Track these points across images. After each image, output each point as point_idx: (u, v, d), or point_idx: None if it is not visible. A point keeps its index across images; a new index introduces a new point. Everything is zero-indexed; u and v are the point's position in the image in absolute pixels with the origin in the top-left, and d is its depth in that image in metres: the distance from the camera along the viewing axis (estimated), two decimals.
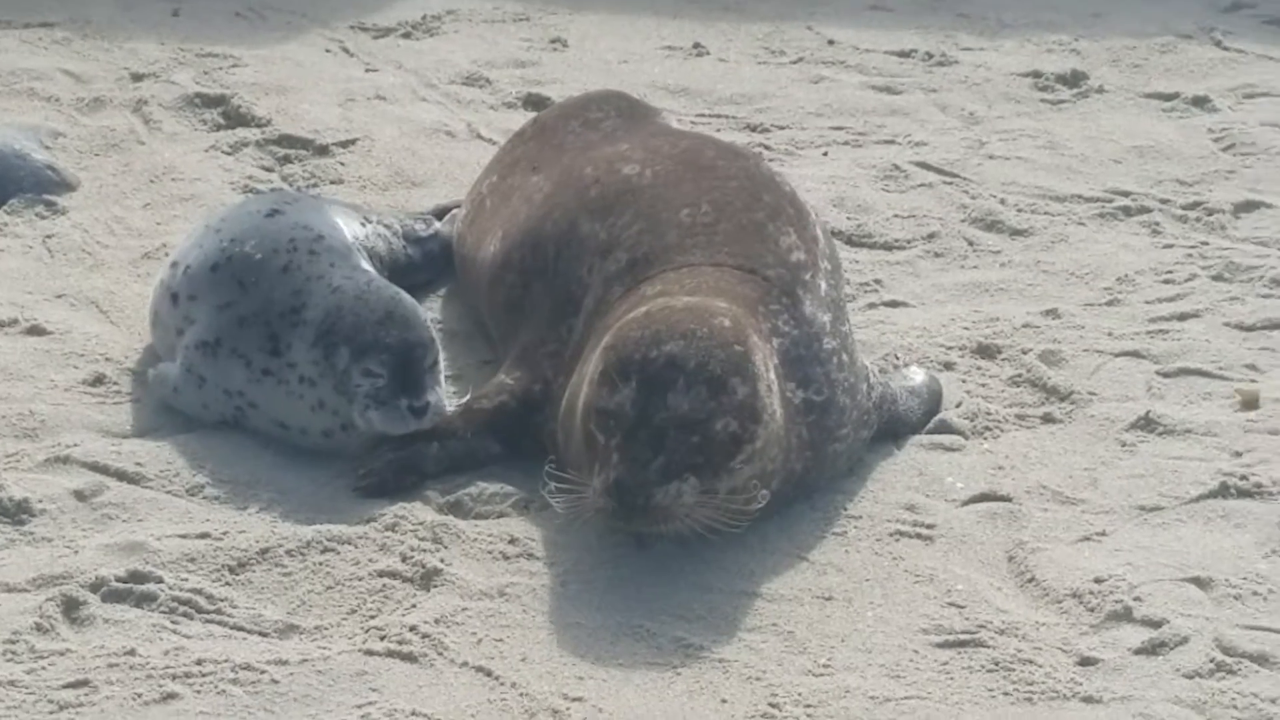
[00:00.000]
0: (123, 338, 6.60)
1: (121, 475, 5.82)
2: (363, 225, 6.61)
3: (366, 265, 6.26)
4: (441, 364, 5.90)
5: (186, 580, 5.34)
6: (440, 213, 7.21)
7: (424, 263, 6.92)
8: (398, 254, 6.78)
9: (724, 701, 4.98)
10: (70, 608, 5.20)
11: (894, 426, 6.14)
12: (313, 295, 5.93)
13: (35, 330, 6.61)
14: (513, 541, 5.58)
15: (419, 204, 7.48)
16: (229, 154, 7.96)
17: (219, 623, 5.21)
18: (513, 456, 5.93)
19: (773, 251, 5.86)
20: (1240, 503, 5.81)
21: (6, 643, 5.06)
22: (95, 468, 5.84)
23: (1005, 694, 5.02)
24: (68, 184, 7.63)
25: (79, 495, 5.70)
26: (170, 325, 6.24)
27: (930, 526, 5.71)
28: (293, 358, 5.89)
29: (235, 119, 8.23)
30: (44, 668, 4.98)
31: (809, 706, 4.95)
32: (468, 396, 5.97)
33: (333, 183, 7.76)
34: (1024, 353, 6.64)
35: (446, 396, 5.89)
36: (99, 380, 6.34)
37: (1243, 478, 5.89)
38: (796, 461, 5.64)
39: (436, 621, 5.21)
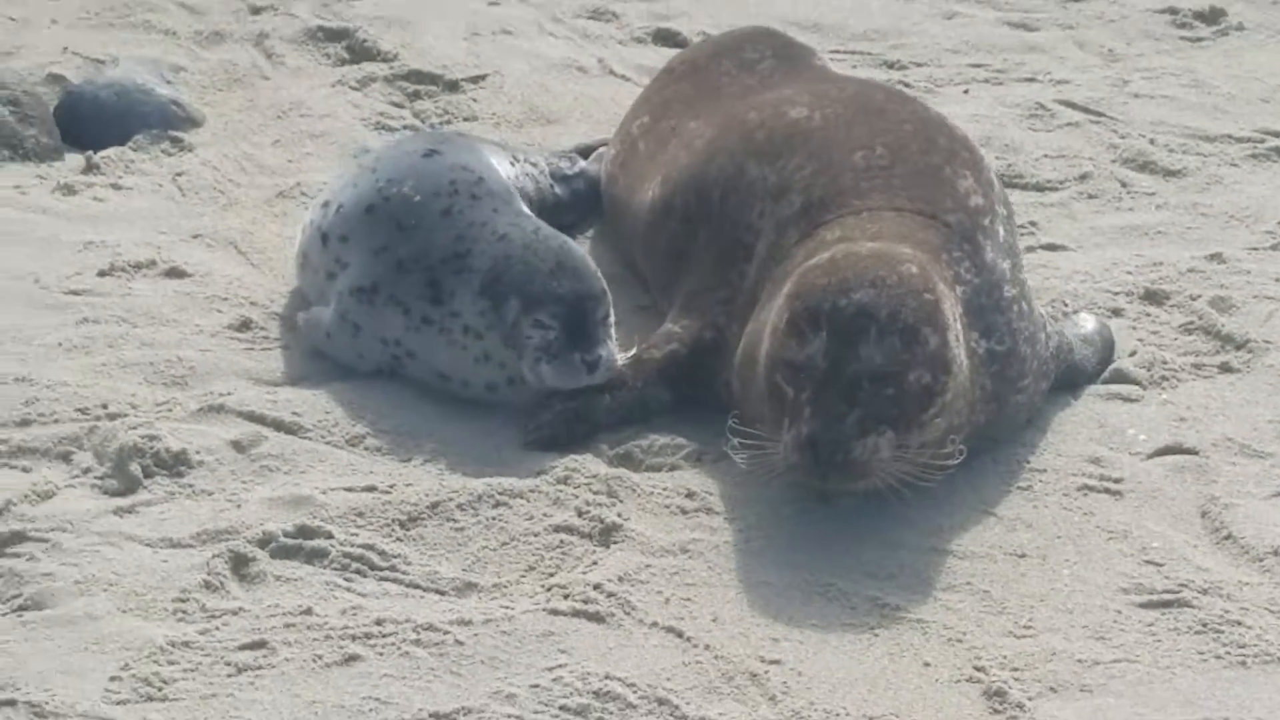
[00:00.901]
0: (265, 280, 6.42)
1: (279, 425, 5.63)
2: (512, 164, 6.42)
3: (525, 209, 6.06)
4: (612, 315, 5.71)
5: (357, 535, 5.16)
6: (584, 151, 7.02)
7: (571, 202, 6.72)
8: (545, 193, 6.59)
9: (927, 665, 4.81)
10: (239, 564, 5.02)
11: (1070, 376, 5.95)
12: (478, 242, 5.73)
13: (175, 272, 6.42)
14: (689, 495, 5.40)
15: (555, 141, 7.30)
16: (357, 89, 7.76)
17: (394, 580, 5.04)
18: (681, 406, 5.75)
19: (951, 196, 5.66)
20: None
21: (176, 601, 4.89)
22: (251, 417, 5.64)
23: (1218, 657, 4.84)
24: (193, 120, 7.43)
25: (237, 446, 5.51)
26: (320, 267, 6.05)
27: (1118, 480, 5.52)
28: (456, 307, 5.70)
29: (360, 53, 8.03)
30: (218, 628, 4.79)
31: (1015, 670, 4.78)
32: (634, 349, 5.77)
33: (466, 119, 7.57)
34: (1193, 299, 6.43)
35: (616, 348, 5.69)
36: (245, 325, 6.15)
37: None
38: (980, 414, 5.46)
39: (620, 579, 5.03)
